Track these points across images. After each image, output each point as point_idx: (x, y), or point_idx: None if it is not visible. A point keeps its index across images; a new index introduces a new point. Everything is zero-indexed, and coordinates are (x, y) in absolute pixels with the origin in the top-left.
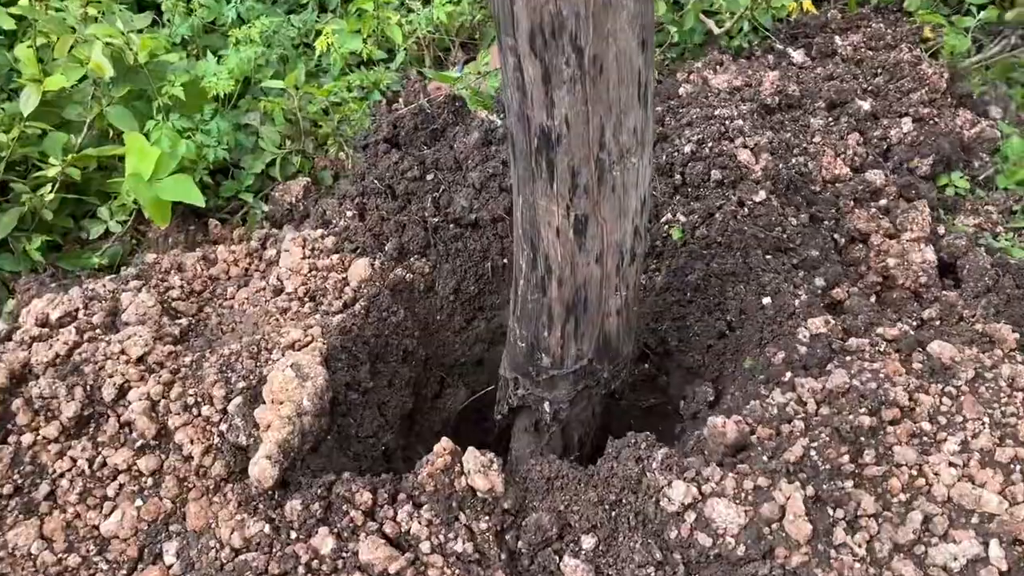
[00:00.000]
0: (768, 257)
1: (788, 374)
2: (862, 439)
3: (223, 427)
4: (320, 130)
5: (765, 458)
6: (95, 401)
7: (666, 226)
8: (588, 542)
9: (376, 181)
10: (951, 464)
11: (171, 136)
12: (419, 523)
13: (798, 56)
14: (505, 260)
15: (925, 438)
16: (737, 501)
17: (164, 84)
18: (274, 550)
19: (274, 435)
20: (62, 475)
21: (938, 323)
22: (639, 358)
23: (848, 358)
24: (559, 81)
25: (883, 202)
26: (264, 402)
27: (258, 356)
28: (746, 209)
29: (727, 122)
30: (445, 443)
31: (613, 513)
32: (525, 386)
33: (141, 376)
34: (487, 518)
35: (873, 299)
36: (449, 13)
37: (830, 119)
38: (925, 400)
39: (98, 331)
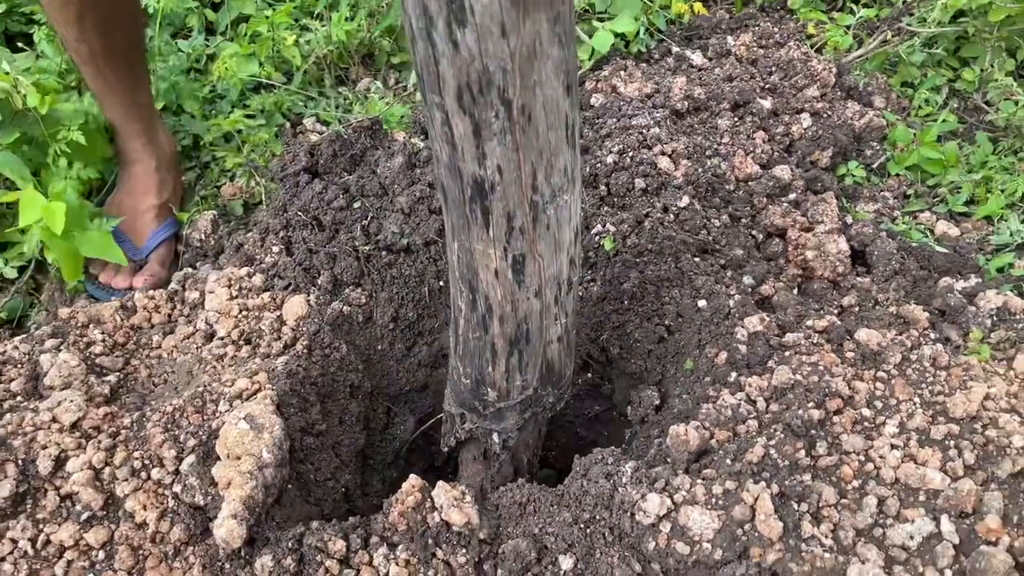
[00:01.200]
0: (697, 260)
1: (733, 374)
2: (813, 432)
3: (177, 488)
4: (226, 159)
5: (728, 461)
6: (29, 476)
7: (597, 237)
8: (567, 562)
9: (301, 213)
10: (893, 446)
11: (76, 187)
12: (397, 564)
13: (697, 58)
14: (441, 283)
15: (867, 423)
16: (709, 507)
17: (59, 128)
18: None
19: (236, 492)
20: (3, 559)
21: (857, 309)
22: (582, 368)
23: (787, 353)
24: (489, 134)
25: (793, 196)
26: (219, 458)
27: (204, 410)
28: (672, 215)
29: (644, 131)
30: (414, 480)
31: (588, 531)
32: (472, 420)
33: (78, 444)
34: (464, 551)
35: (796, 291)
36: (348, 31)
37: (735, 119)
38: (862, 387)
39: (19, 399)
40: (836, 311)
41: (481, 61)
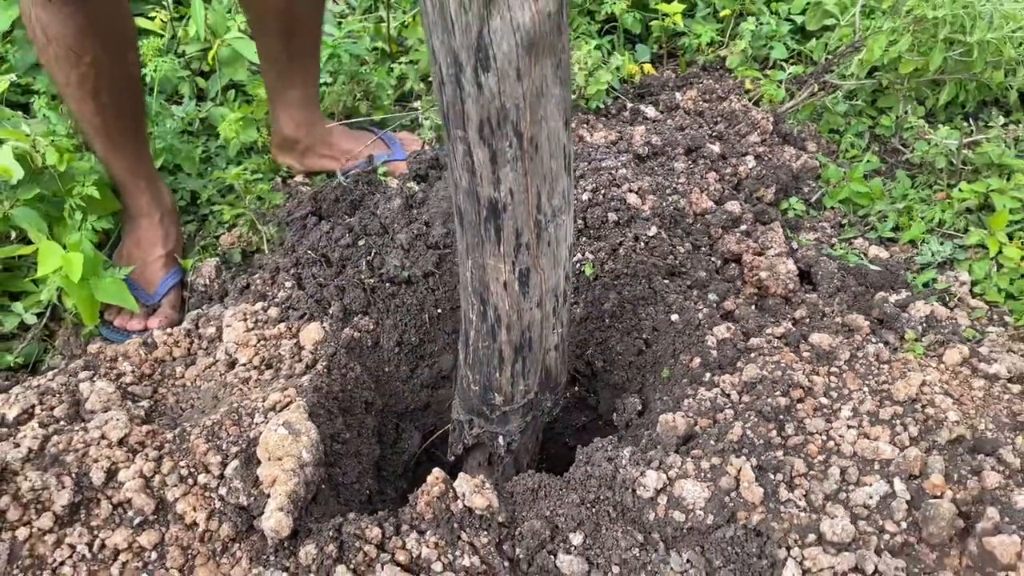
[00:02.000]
0: (667, 281)
1: (708, 375)
2: (781, 417)
3: (223, 491)
4: (223, 212)
5: (712, 442)
6: (83, 487)
7: (578, 265)
8: (577, 539)
9: (310, 251)
10: (849, 427)
11: (91, 238)
12: (427, 547)
13: (650, 112)
14: (439, 310)
15: (826, 410)
16: (699, 479)
17: (74, 184)
18: None
19: (282, 488)
20: (63, 563)
21: (808, 320)
22: (569, 382)
23: (752, 355)
24: (504, 161)
25: (744, 227)
26: (260, 462)
27: (241, 422)
28: (642, 243)
29: (612, 172)
30: (438, 472)
31: (595, 509)
32: (480, 424)
33: (127, 457)
34: (486, 533)
35: (754, 307)
36: (331, 92)
37: (690, 162)
38: (819, 380)
39: (63, 423)
40: (790, 322)
41: (500, 100)
